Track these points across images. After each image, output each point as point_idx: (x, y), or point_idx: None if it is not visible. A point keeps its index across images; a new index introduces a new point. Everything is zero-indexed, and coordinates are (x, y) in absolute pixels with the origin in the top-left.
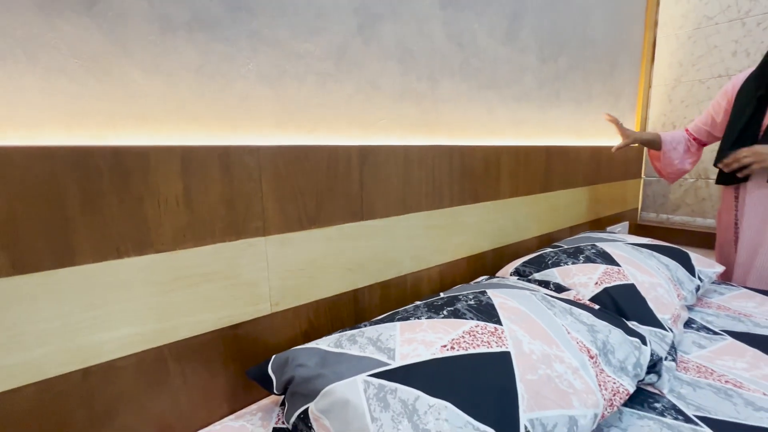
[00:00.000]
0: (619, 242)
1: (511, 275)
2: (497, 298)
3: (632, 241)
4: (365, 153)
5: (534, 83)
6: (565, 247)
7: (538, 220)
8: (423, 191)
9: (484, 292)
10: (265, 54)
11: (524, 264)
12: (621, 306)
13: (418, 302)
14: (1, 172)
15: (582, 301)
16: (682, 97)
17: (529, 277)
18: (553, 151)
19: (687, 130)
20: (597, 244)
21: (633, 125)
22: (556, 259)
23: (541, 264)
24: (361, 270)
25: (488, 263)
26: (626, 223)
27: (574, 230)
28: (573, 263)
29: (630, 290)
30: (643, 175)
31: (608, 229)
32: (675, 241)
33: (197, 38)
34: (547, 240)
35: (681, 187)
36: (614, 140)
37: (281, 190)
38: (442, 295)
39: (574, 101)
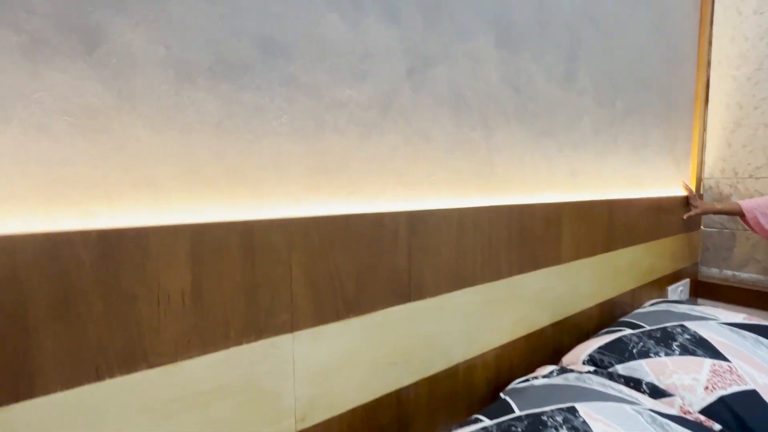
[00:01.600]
0: (712, 321)
1: (584, 363)
2: (595, 422)
3: (726, 320)
4: (414, 220)
5: (591, 129)
6: (648, 328)
7: (600, 285)
8: (478, 261)
9: (574, 411)
10: (302, 103)
11: (601, 351)
12: (748, 424)
13: (485, 423)
14: None
15: (695, 418)
16: (744, 141)
17: (611, 370)
18: (615, 206)
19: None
20: (686, 324)
21: (689, 171)
22: (642, 346)
23: (623, 353)
24: (405, 363)
25: (549, 341)
26: (687, 281)
27: (635, 293)
28: (666, 354)
29: (754, 400)
30: (702, 226)
31: (669, 289)
32: (745, 304)
33: (220, 87)
34: (608, 308)
35: (748, 240)
36: (673, 190)
37: (315, 272)
38: (516, 411)
39: (631, 147)
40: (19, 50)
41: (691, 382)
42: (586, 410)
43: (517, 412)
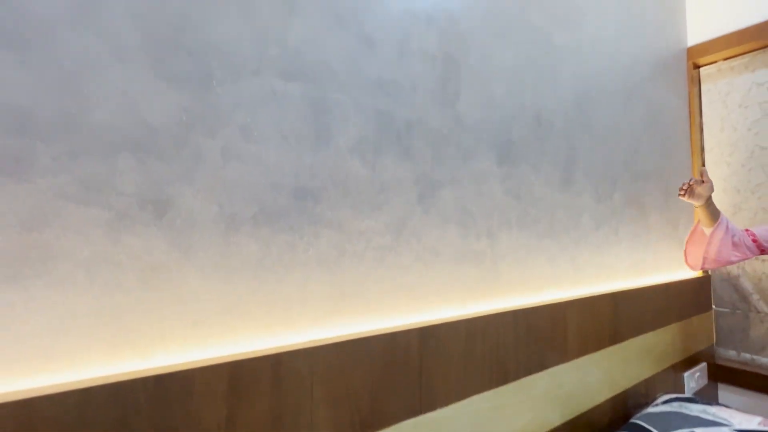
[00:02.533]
0: (725, 428)
1: None
2: None
3: (740, 426)
4: (425, 335)
5: (591, 224)
6: None
7: (610, 378)
8: (486, 366)
9: None
10: (326, 237)
11: None
12: None
13: None
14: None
15: None
16: (745, 224)
17: None
18: (620, 297)
19: (748, 230)
20: (698, 431)
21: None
22: None
23: None
24: None
25: None
26: (704, 366)
27: (649, 383)
28: None
29: None
30: (713, 306)
31: (685, 375)
32: (766, 391)
33: (261, 232)
34: (621, 402)
35: (763, 323)
36: (679, 273)
37: (334, 394)
38: None
39: (632, 236)
40: (107, 224)
41: None
42: None
43: None
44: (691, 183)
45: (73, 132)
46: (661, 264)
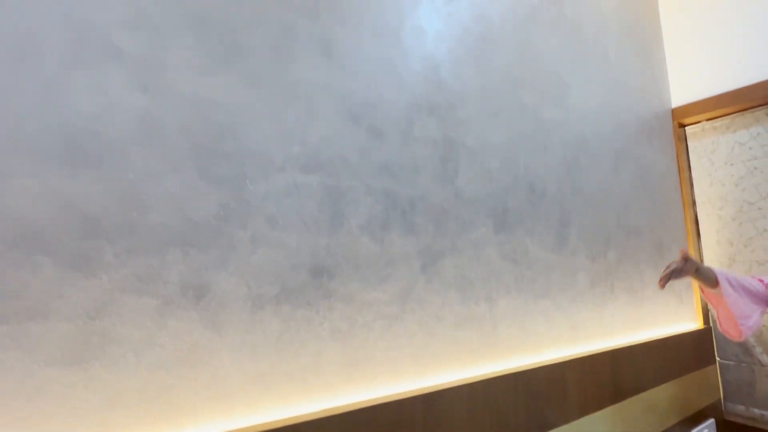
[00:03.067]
0: None
1: None
2: None
3: None
4: (430, 401)
5: (587, 283)
6: None
7: None
8: (487, 429)
9: None
10: (339, 310)
11: None
12: None
13: None
14: None
15: None
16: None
17: None
18: (619, 354)
19: (761, 280)
20: None
21: (693, 307)
22: None
23: None
24: None
25: None
26: (712, 422)
27: None
28: None
29: None
30: (717, 358)
31: None
32: None
33: (282, 309)
34: None
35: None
36: (679, 326)
37: None
38: None
39: (628, 292)
40: (155, 310)
41: None
42: None
43: None
44: (672, 268)
45: (132, 232)
46: (659, 318)
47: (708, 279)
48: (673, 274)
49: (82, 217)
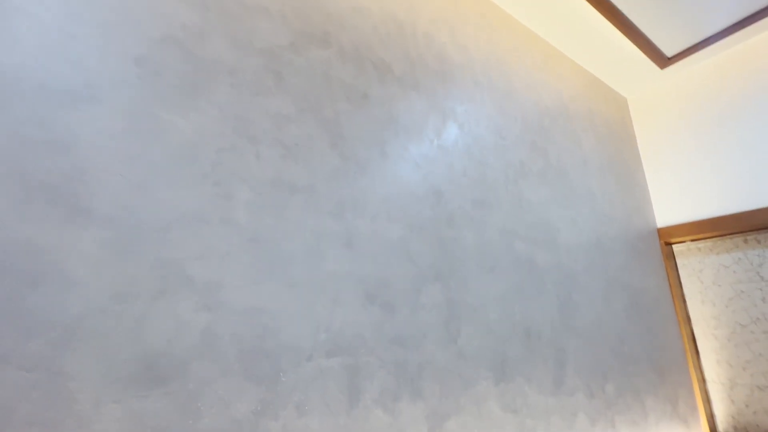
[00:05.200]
0: None
1: None
2: None
3: None
4: None
5: (587, 421)
6: None
7: None
8: None
9: None
10: None
11: None
12: None
13: None
14: None
15: None
16: (746, 401)
17: None
18: None
19: None
20: None
21: (700, 425)
22: None
23: None
24: None
25: None
26: None
27: None
28: None
29: None
30: None
31: None
32: None
33: None
34: None
35: None
36: None
37: None
38: None
39: (630, 424)
40: None
41: None
42: None
43: None
44: None
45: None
46: None
47: None
48: None
49: (151, 430)
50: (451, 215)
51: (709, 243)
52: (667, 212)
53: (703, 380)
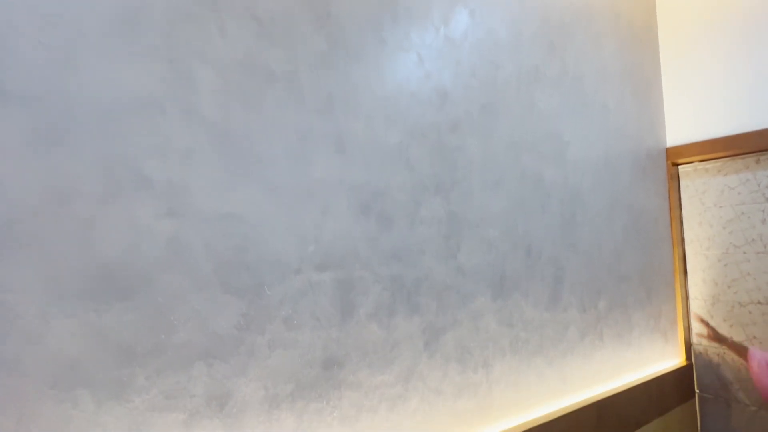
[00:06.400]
0: None
1: None
2: None
3: None
4: None
5: (577, 335)
6: None
7: None
8: None
9: None
10: (348, 398)
11: None
12: None
13: None
14: None
15: None
16: (724, 315)
17: None
18: (603, 405)
19: None
20: None
21: (677, 340)
22: None
23: None
24: None
25: None
26: None
27: None
28: None
29: None
30: (696, 390)
31: None
32: None
33: (296, 405)
34: None
35: (743, 413)
36: (662, 364)
37: None
38: None
39: (616, 338)
40: (182, 424)
41: None
42: None
43: None
44: None
45: (161, 353)
46: (645, 358)
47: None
48: None
49: (116, 347)
50: (455, 121)
51: (718, 163)
52: (679, 130)
53: (686, 297)
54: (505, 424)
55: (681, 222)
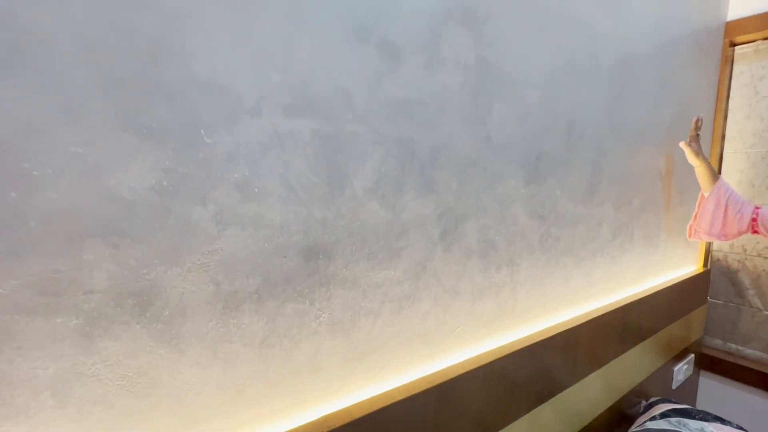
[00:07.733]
0: None
1: None
2: None
3: None
4: (443, 391)
5: (609, 234)
6: None
7: (612, 388)
8: (502, 406)
9: None
10: (340, 298)
11: None
12: None
13: None
14: None
15: None
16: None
17: None
18: (628, 309)
19: (757, 208)
20: None
21: (697, 250)
22: None
23: None
24: None
25: None
26: (692, 357)
27: (643, 387)
28: None
29: None
30: (708, 298)
31: (675, 369)
32: (748, 382)
33: (266, 306)
34: (617, 410)
35: (754, 318)
36: (684, 270)
37: None
38: None
39: (645, 239)
40: (76, 332)
41: None
42: None
43: None
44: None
45: (17, 224)
46: (669, 262)
47: (712, 176)
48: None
49: None
50: None
51: None
52: (743, 1)
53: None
54: (527, 330)
55: (725, 116)
